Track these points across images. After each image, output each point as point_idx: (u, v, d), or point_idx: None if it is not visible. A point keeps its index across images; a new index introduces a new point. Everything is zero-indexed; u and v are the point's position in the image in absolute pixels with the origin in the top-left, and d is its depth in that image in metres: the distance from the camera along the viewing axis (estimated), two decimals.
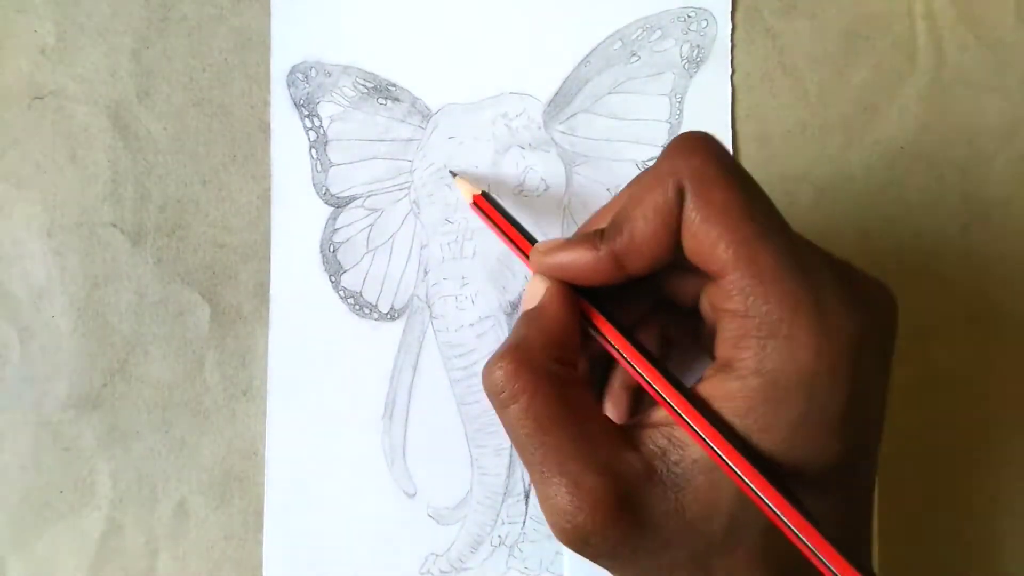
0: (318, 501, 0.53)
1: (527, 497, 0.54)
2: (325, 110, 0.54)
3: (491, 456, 0.53)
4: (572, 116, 0.54)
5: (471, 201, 0.49)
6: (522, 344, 0.40)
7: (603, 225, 0.41)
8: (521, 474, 0.54)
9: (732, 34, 0.54)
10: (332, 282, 0.54)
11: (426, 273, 0.54)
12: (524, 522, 0.53)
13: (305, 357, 0.53)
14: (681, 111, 0.54)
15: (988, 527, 0.54)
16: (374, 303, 0.54)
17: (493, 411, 0.52)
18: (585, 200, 0.54)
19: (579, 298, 0.42)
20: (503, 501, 0.53)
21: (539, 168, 0.54)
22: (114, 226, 0.53)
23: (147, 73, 0.54)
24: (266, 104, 0.54)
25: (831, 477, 0.38)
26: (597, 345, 0.43)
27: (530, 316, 0.42)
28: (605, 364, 0.47)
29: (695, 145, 0.39)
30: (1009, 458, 0.54)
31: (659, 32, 0.54)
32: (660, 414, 0.40)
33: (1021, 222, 0.54)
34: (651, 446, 0.39)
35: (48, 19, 0.54)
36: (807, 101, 0.55)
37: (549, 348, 0.41)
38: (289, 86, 0.54)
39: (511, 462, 0.53)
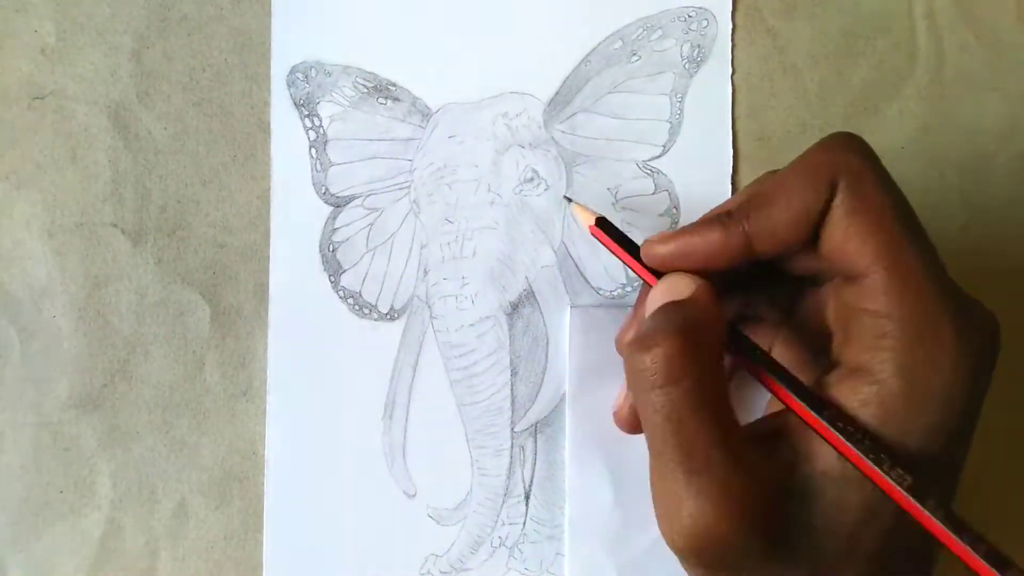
0: (318, 501, 0.53)
1: (527, 498, 0.54)
2: (325, 110, 0.54)
3: (491, 457, 0.53)
4: (572, 115, 0.54)
5: (588, 227, 0.48)
6: (690, 328, 0.38)
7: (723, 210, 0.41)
8: (521, 475, 0.54)
9: (732, 34, 0.54)
10: (332, 282, 0.54)
11: (426, 273, 0.54)
12: (524, 523, 0.53)
13: (305, 357, 0.53)
14: (681, 111, 0.54)
15: (990, 527, 0.54)
16: (374, 303, 0.54)
17: (493, 411, 0.52)
18: (585, 200, 0.54)
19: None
20: (503, 502, 0.53)
21: (539, 167, 0.54)
22: (114, 226, 0.53)
23: (147, 73, 0.54)
24: (266, 104, 0.54)
25: (954, 479, 0.38)
26: None
27: (684, 307, 0.40)
28: None
29: (851, 144, 0.39)
30: (1009, 459, 0.54)
31: (659, 32, 0.54)
32: (779, 422, 0.39)
33: (1021, 222, 0.54)
34: (785, 457, 0.38)
35: (48, 19, 0.54)
36: (807, 101, 0.55)
37: (714, 341, 0.39)
38: (289, 86, 0.54)
39: (511, 463, 0.53)
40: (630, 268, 0.45)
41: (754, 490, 0.36)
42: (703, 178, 0.54)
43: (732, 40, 0.54)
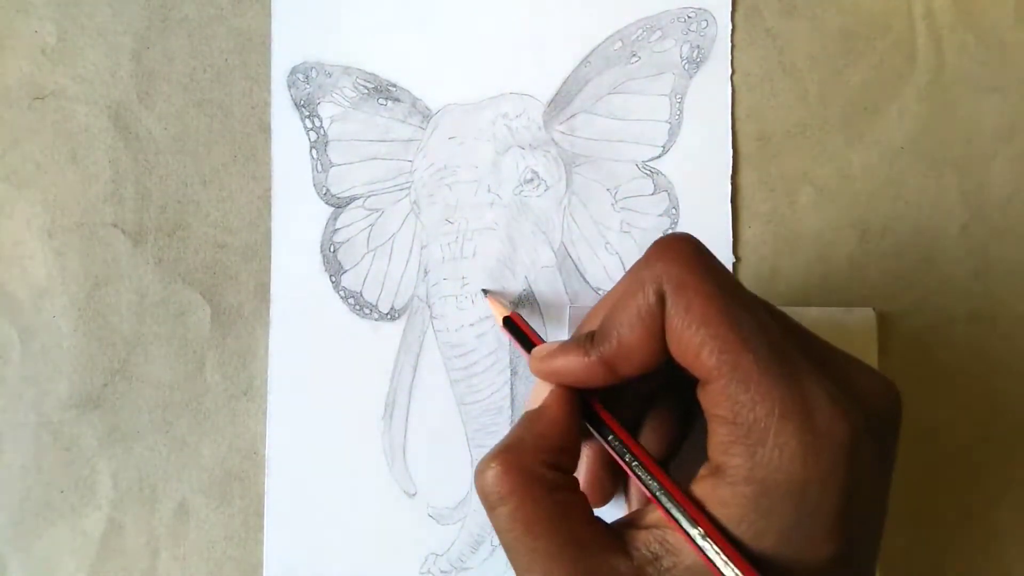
0: (318, 501, 0.53)
1: None
2: (325, 110, 0.54)
3: None
4: (572, 116, 0.54)
5: (500, 322, 0.50)
6: (514, 447, 0.40)
7: (592, 326, 0.42)
8: None
9: (732, 34, 0.54)
10: (332, 282, 0.54)
11: (426, 273, 0.54)
12: None
13: (305, 357, 0.53)
14: (681, 111, 0.54)
15: (990, 527, 0.54)
16: (374, 303, 0.54)
17: (493, 411, 0.52)
18: (585, 200, 0.54)
19: (581, 397, 0.42)
20: None
21: (539, 168, 0.54)
22: (115, 226, 0.53)
23: (148, 73, 0.54)
24: (267, 104, 0.54)
25: (827, 571, 0.37)
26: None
27: (529, 418, 0.42)
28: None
29: (673, 249, 0.39)
30: (1011, 458, 0.54)
31: (659, 33, 0.54)
32: (653, 516, 0.39)
33: (1021, 222, 0.54)
34: (644, 551, 0.38)
35: (49, 19, 0.54)
36: (807, 101, 0.55)
37: (542, 451, 0.40)
38: (289, 87, 0.54)
39: None
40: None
41: None
42: (703, 179, 0.54)
43: (732, 41, 0.54)
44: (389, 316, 0.54)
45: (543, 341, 0.47)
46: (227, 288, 0.54)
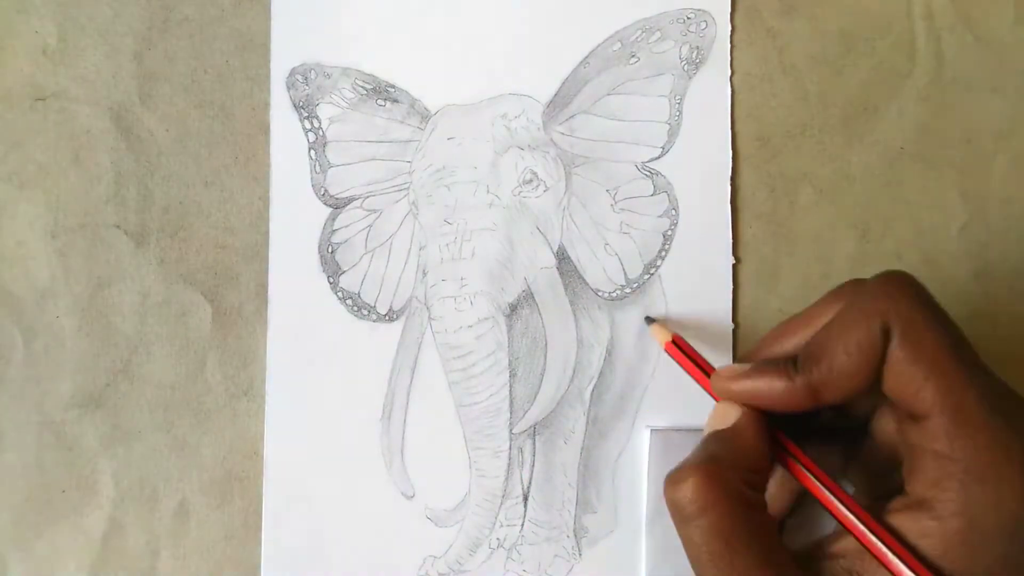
0: (317, 502, 0.53)
1: (525, 499, 0.54)
2: (324, 111, 0.54)
3: (489, 458, 0.53)
4: (571, 117, 0.54)
5: (663, 346, 0.50)
6: (715, 460, 0.40)
7: (781, 349, 0.44)
8: (519, 476, 0.54)
9: (731, 35, 0.54)
10: (331, 283, 0.54)
11: (424, 274, 0.54)
12: (523, 524, 0.54)
13: (304, 358, 0.54)
14: (680, 112, 0.54)
15: None
16: (372, 304, 0.54)
17: (491, 413, 0.52)
18: (584, 201, 0.54)
19: (773, 426, 0.43)
20: (501, 503, 0.53)
21: (538, 169, 0.54)
22: (117, 227, 0.53)
23: (149, 75, 0.54)
24: (267, 105, 0.54)
25: None
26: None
27: (722, 436, 0.42)
28: None
29: (901, 287, 0.40)
30: None
31: (658, 33, 0.54)
32: (840, 545, 0.40)
33: (1021, 222, 0.54)
34: None
35: (49, 20, 0.54)
36: (807, 101, 0.55)
37: (742, 469, 0.41)
38: (289, 88, 0.54)
39: (509, 464, 0.53)
40: (702, 387, 0.48)
41: None
42: (703, 179, 0.54)
43: (731, 41, 0.54)
44: (387, 317, 0.54)
45: (707, 362, 0.48)
46: (228, 288, 0.54)
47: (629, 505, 0.53)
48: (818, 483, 0.42)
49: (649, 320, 0.53)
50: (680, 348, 0.49)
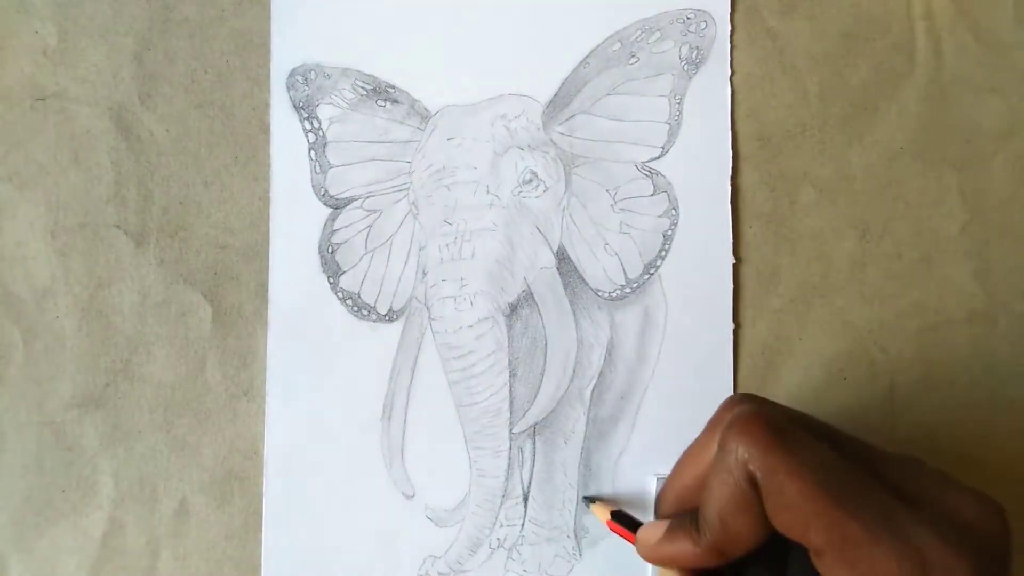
0: (317, 502, 0.53)
1: (526, 499, 0.54)
2: (324, 112, 0.54)
3: (489, 458, 0.53)
4: (571, 117, 0.54)
5: (606, 521, 0.51)
6: None
7: (680, 487, 0.44)
8: (520, 476, 0.54)
9: (731, 35, 0.54)
10: (331, 283, 0.54)
11: (424, 274, 0.54)
12: (523, 524, 0.54)
13: (304, 358, 0.54)
14: (680, 112, 0.54)
15: None
16: (372, 304, 0.54)
17: (491, 413, 0.53)
18: (584, 201, 0.54)
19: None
20: (502, 503, 0.53)
21: (538, 169, 0.54)
22: (117, 227, 0.53)
23: (149, 75, 0.54)
24: (267, 106, 0.54)
25: None
26: None
27: None
28: None
29: (748, 430, 0.39)
30: (1010, 458, 0.54)
31: (658, 34, 0.54)
32: None
33: (1021, 222, 0.54)
34: None
35: (50, 20, 0.54)
36: (807, 101, 0.55)
37: None
38: (289, 88, 0.54)
39: (509, 464, 0.53)
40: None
41: None
42: (703, 179, 0.54)
43: (731, 41, 0.54)
44: (387, 317, 0.54)
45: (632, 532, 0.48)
46: (228, 288, 0.54)
47: (629, 505, 0.53)
48: None
49: (588, 501, 0.54)
50: (618, 521, 0.50)
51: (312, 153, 0.54)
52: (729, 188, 0.54)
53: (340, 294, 0.54)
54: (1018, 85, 0.54)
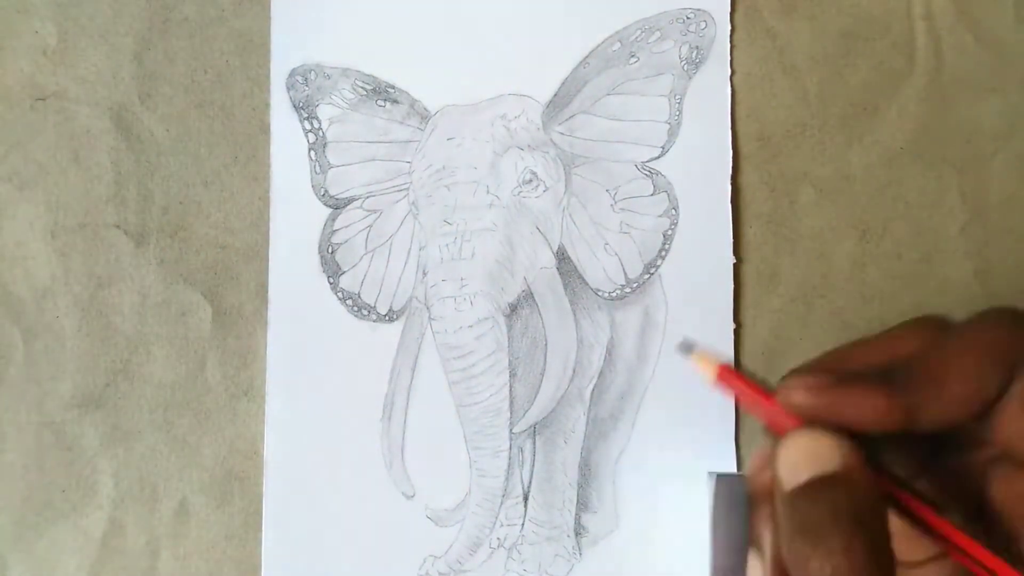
0: (317, 502, 0.53)
1: (526, 499, 0.54)
2: (324, 112, 0.54)
3: (489, 458, 0.53)
4: (571, 117, 0.54)
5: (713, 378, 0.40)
6: (858, 516, 0.33)
7: (861, 362, 0.38)
8: (520, 476, 0.54)
9: (731, 35, 0.54)
10: (331, 283, 0.54)
11: (424, 274, 0.54)
12: (523, 524, 0.54)
13: (304, 358, 0.54)
14: (680, 112, 0.54)
15: None
16: (372, 304, 0.54)
17: (491, 412, 0.53)
18: (584, 201, 0.54)
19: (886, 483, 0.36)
20: (502, 503, 0.53)
21: (538, 169, 0.54)
22: (117, 227, 0.54)
23: (149, 75, 0.54)
24: (267, 106, 0.54)
25: None
26: None
27: (838, 486, 0.34)
28: None
29: None
30: None
31: (658, 33, 0.54)
32: None
33: (1021, 222, 0.54)
34: None
35: (49, 20, 0.54)
36: (807, 101, 0.55)
37: (879, 521, 0.34)
38: (289, 88, 0.54)
39: (509, 464, 0.53)
40: (757, 414, 0.40)
41: None
42: (703, 179, 0.54)
43: (731, 41, 0.54)
44: (387, 317, 0.54)
45: (763, 385, 0.39)
46: (228, 288, 0.54)
47: (629, 505, 0.53)
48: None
49: (687, 348, 0.41)
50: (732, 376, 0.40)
51: (312, 153, 0.54)
52: (729, 188, 0.54)
53: (340, 294, 0.54)
54: (1018, 85, 0.54)
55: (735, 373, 0.40)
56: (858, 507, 0.33)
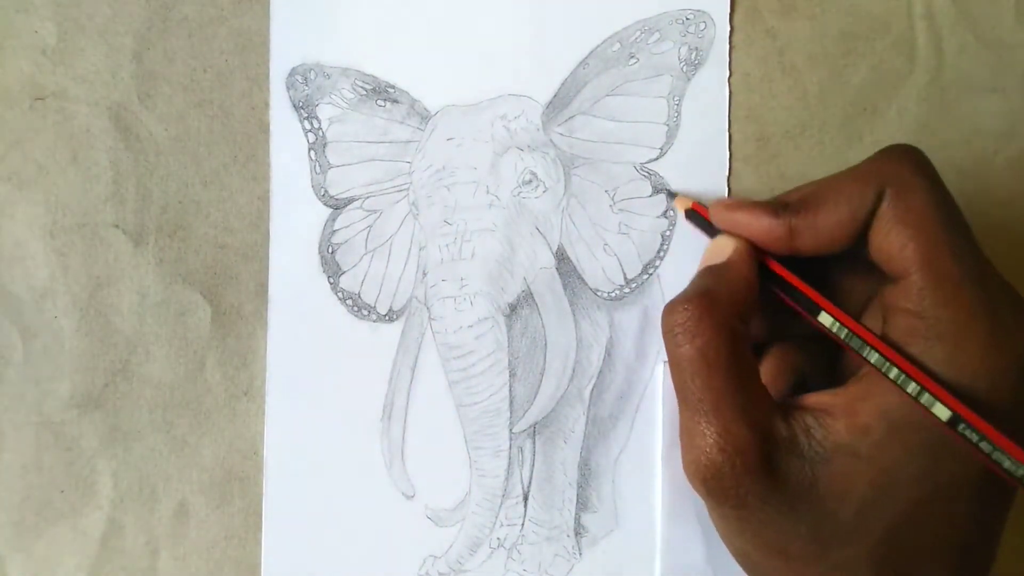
0: (317, 502, 0.53)
1: (526, 499, 0.54)
2: (324, 112, 0.54)
3: (489, 457, 0.53)
4: (570, 118, 0.54)
5: (684, 212, 0.52)
6: (709, 293, 0.44)
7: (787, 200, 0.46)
8: (520, 476, 0.54)
9: (731, 36, 0.54)
10: (331, 283, 0.54)
11: (424, 275, 0.54)
12: (523, 524, 0.54)
13: (304, 358, 0.54)
14: (679, 113, 0.54)
15: None
16: (372, 304, 0.54)
17: (491, 412, 0.52)
18: (584, 202, 0.54)
19: (766, 258, 0.46)
20: (502, 503, 0.53)
21: (538, 170, 0.54)
22: (116, 227, 0.53)
23: (148, 74, 0.54)
24: (266, 105, 0.54)
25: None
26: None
27: (716, 270, 0.45)
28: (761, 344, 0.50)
29: (905, 155, 0.42)
30: None
31: (657, 34, 0.54)
32: (813, 399, 0.42)
33: (1021, 222, 0.54)
34: (800, 421, 0.41)
35: (49, 20, 0.54)
36: (807, 101, 0.55)
37: (732, 303, 0.44)
38: (288, 88, 0.54)
39: (509, 463, 0.53)
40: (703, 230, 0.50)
41: (755, 440, 0.40)
42: (701, 180, 0.54)
43: (730, 42, 0.54)
44: (387, 317, 0.54)
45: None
46: (227, 288, 0.54)
47: (629, 505, 0.54)
48: (809, 310, 0.45)
49: (670, 195, 0.54)
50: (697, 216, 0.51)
51: (312, 153, 0.54)
52: (727, 189, 0.54)
53: (340, 294, 0.54)
54: (1018, 85, 0.54)
55: (698, 207, 0.51)
56: (734, 284, 0.44)
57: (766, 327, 0.50)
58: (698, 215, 0.51)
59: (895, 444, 0.40)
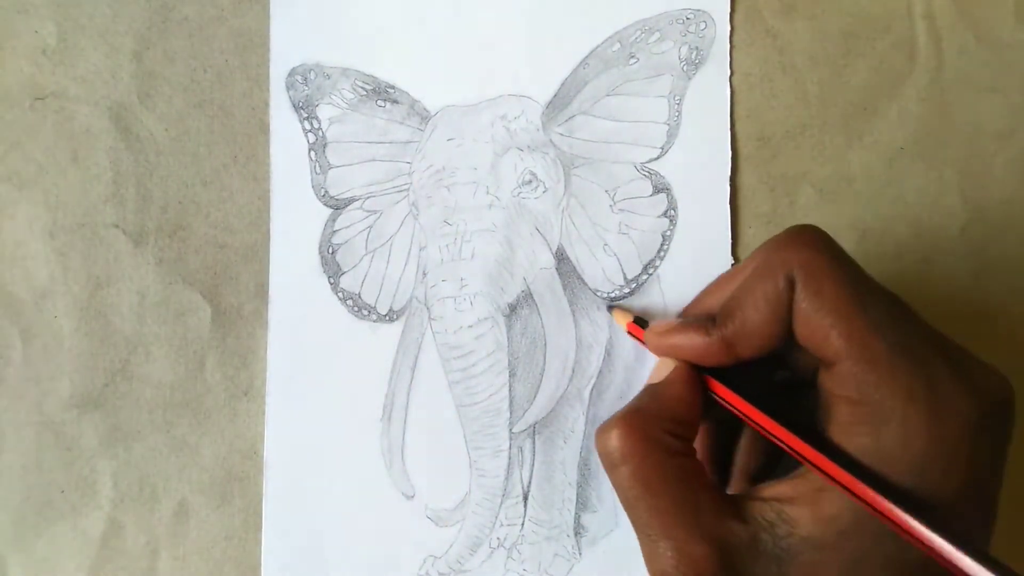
0: (317, 502, 0.53)
1: (525, 499, 0.54)
2: (324, 112, 0.54)
3: (489, 458, 0.53)
4: (571, 118, 0.54)
5: (626, 327, 0.52)
6: (638, 412, 0.44)
7: (707, 306, 0.46)
8: (519, 475, 0.54)
9: (731, 35, 0.54)
10: (331, 284, 0.54)
11: (424, 275, 0.54)
12: (523, 524, 0.54)
13: (304, 358, 0.54)
14: (680, 113, 0.54)
15: None
16: (373, 304, 0.54)
17: (491, 412, 0.52)
18: (584, 202, 0.54)
19: (704, 376, 0.45)
20: (502, 503, 0.53)
21: (538, 170, 0.54)
22: (116, 227, 0.53)
23: (148, 74, 0.54)
24: (267, 105, 0.54)
25: None
26: (720, 419, 0.48)
27: (652, 390, 0.45)
28: (728, 442, 0.50)
29: (804, 238, 0.42)
30: (1011, 456, 0.54)
31: (658, 34, 0.54)
32: (773, 490, 0.41)
33: (1021, 222, 0.54)
34: (760, 519, 0.40)
35: (49, 20, 0.54)
36: (807, 101, 0.55)
37: (664, 420, 0.43)
38: (288, 88, 0.54)
39: (509, 464, 0.53)
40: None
41: (713, 554, 0.39)
42: (701, 180, 0.54)
43: (731, 42, 0.54)
44: (387, 318, 0.54)
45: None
46: (227, 288, 0.54)
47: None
48: (751, 413, 0.44)
49: (609, 308, 0.54)
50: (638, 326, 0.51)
51: (312, 153, 0.54)
52: (728, 188, 0.54)
53: (340, 294, 0.54)
54: (1018, 85, 0.54)
55: (636, 327, 0.51)
56: (667, 402, 0.44)
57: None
58: (636, 329, 0.51)
59: (863, 531, 0.39)
